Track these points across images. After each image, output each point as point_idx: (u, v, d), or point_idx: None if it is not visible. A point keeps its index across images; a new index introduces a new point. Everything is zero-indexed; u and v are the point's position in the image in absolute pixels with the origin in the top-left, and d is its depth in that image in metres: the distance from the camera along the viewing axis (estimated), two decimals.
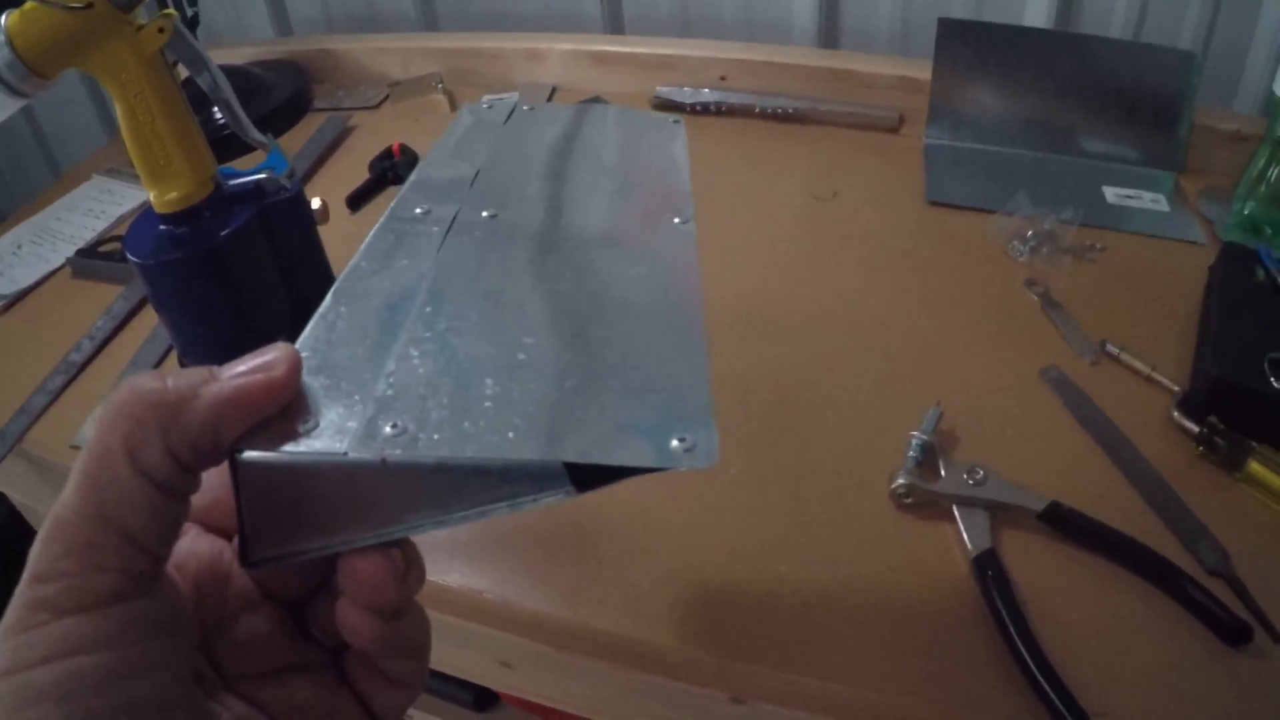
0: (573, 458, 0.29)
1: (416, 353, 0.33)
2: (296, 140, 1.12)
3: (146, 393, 0.28)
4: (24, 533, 1.07)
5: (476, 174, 0.50)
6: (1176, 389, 0.69)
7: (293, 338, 0.73)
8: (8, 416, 0.80)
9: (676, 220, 0.46)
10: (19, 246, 1.03)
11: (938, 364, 0.74)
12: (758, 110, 1.05)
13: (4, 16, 0.59)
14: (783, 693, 0.56)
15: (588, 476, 0.30)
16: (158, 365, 0.83)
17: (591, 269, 0.41)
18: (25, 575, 0.26)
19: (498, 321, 0.36)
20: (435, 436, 0.29)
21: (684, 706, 0.60)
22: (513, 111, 0.59)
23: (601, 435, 0.30)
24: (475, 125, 0.58)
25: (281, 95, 1.17)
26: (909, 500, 0.62)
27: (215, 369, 0.29)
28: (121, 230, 1.03)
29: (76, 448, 0.76)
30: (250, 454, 0.28)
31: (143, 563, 0.28)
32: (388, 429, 0.29)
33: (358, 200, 0.99)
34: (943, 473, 0.63)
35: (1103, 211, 0.89)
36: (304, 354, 0.31)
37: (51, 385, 0.83)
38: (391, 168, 1.02)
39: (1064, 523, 0.60)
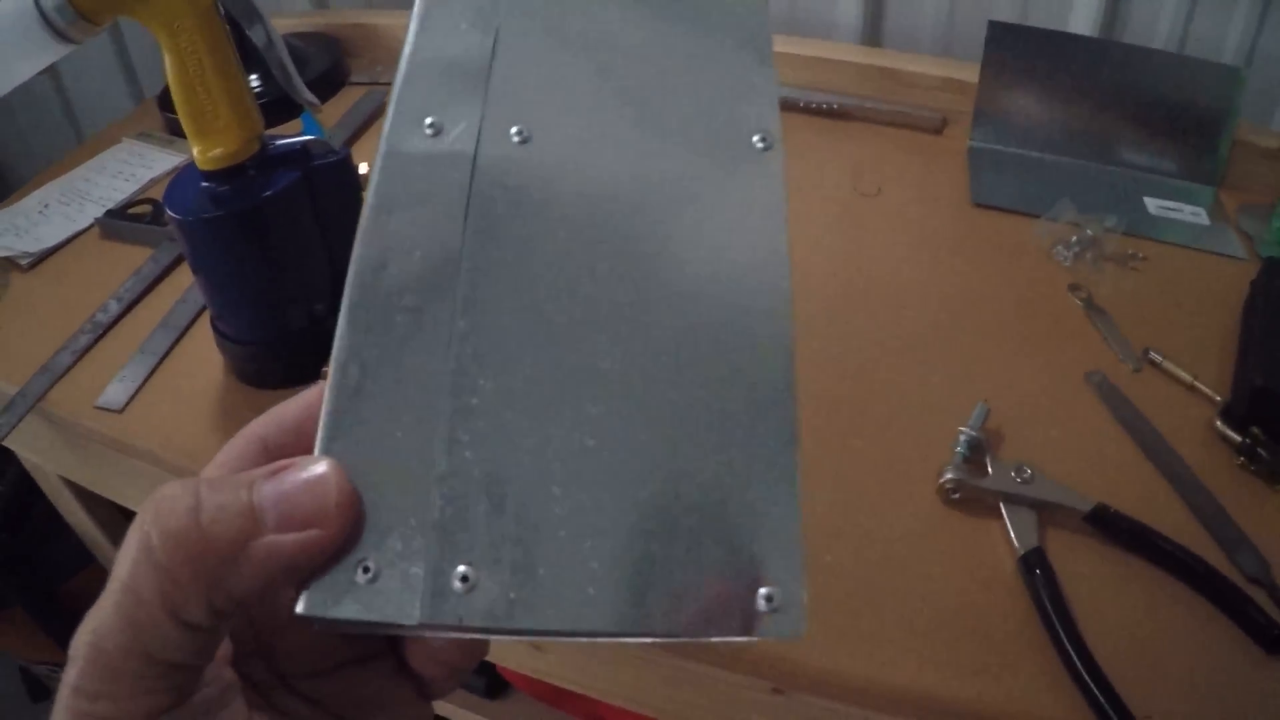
0: (666, 633, 0.26)
1: (467, 438, 0.28)
2: (333, 114, 1.11)
3: (185, 549, 0.25)
4: (33, 494, 1.07)
5: (494, 47, 0.36)
6: (1218, 399, 0.69)
7: (331, 303, 0.71)
8: (30, 374, 0.79)
9: (757, 141, 0.35)
10: (45, 206, 1.02)
11: (982, 363, 0.74)
12: (802, 105, 1.05)
13: None
14: (824, 684, 0.55)
15: None
16: (189, 327, 0.82)
17: (651, 258, 0.32)
18: (69, 683, 0.25)
19: (555, 373, 0.30)
20: (512, 596, 0.26)
21: (720, 695, 0.59)
22: None
23: (690, 593, 0.26)
24: None
25: (317, 68, 1.15)
26: (956, 496, 0.62)
27: (259, 502, 0.26)
28: (152, 194, 1.02)
29: (100, 408, 0.75)
30: (315, 614, 0.26)
31: (189, 679, 0.27)
32: (457, 583, 0.26)
33: None
34: (990, 470, 0.62)
35: (1144, 221, 0.89)
36: (343, 459, 0.27)
37: (76, 345, 0.82)
38: None
39: (1110, 525, 0.60)
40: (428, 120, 0.34)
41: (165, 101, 1.15)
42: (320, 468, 0.27)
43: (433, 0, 0.37)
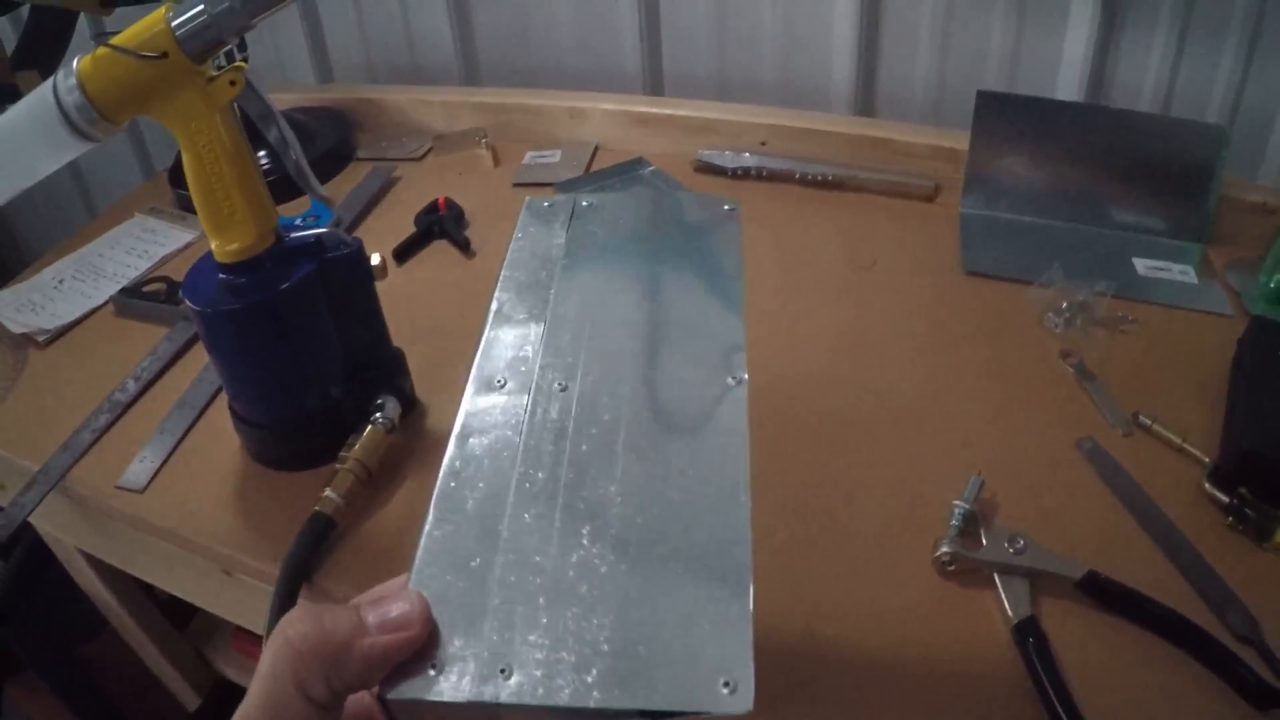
0: (651, 706, 0.35)
1: (514, 578, 0.39)
2: (340, 189, 1.13)
3: (313, 640, 0.36)
4: (48, 559, 1.08)
5: (544, 329, 0.51)
6: (1207, 460, 0.71)
7: (345, 387, 0.73)
8: (50, 452, 0.81)
9: (730, 381, 0.47)
10: (60, 281, 1.05)
11: (976, 433, 0.75)
12: (797, 176, 1.07)
13: (76, 60, 0.60)
14: None
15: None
16: (206, 407, 0.85)
17: (648, 466, 0.43)
18: None
19: (574, 537, 0.40)
20: (536, 686, 0.35)
21: None
22: (572, 214, 0.60)
23: (668, 680, 0.35)
24: (537, 238, 0.58)
25: (326, 143, 1.18)
26: (952, 568, 0.63)
27: (365, 616, 0.37)
28: (165, 270, 1.04)
29: (122, 488, 0.77)
30: (395, 696, 0.36)
31: None
32: (498, 673, 0.36)
33: (404, 254, 1.01)
34: (984, 541, 0.64)
35: (1134, 283, 0.91)
36: (425, 592, 0.38)
37: (96, 424, 0.84)
38: (437, 222, 1.03)
39: (1101, 591, 0.61)
40: (498, 379, 0.48)
41: (176, 177, 1.17)
42: (410, 594, 0.38)
43: (504, 282, 0.54)
